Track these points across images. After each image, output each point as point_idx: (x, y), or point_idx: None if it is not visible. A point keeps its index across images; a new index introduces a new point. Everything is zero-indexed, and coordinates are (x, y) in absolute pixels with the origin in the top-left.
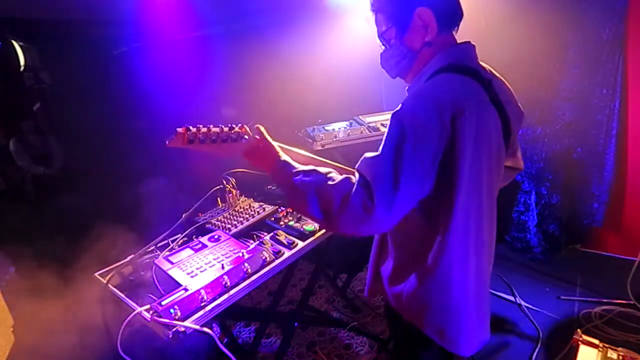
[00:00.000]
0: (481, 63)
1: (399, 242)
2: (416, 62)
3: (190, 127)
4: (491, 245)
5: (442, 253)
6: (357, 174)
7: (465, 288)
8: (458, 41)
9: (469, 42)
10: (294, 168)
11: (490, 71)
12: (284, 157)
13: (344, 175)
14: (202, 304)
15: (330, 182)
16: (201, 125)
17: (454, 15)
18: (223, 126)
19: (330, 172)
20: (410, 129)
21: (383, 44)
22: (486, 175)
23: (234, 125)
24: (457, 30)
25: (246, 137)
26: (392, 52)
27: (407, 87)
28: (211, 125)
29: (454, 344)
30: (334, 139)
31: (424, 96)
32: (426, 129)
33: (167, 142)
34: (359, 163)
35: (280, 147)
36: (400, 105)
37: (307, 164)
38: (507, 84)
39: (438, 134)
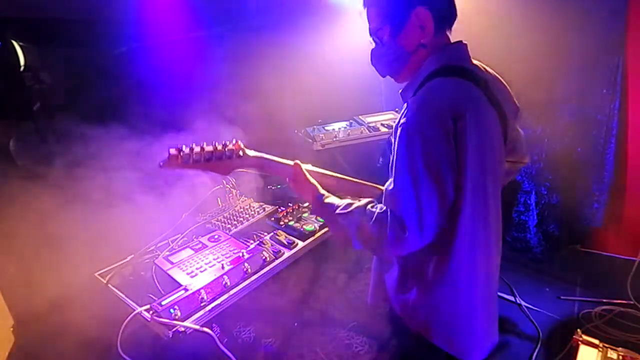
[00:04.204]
0: (475, 61)
1: None
2: (409, 63)
3: (183, 148)
4: (498, 245)
5: (449, 259)
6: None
7: (473, 293)
8: (453, 40)
9: (461, 41)
10: (334, 207)
11: (485, 69)
12: (326, 195)
13: (380, 208)
14: (202, 304)
15: (367, 223)
16: (194, 145)
17: (450, 16)
18: (217, 144)
19: (367, 207)
20: (417, 147)
21: (374, 41)
22: (490, 176)
23: (227, 143)
24: (451, 31)
25: (240, 153)
26: (384, 51)
27: (400, 90)
28: (204, 144)
29: (464, 352)
30: (334, 139)
31: (422, 106)
32: (433, 143)
33: (160, 164)
34: (383, 198)
35: (314, 171)
36: (401, 120)
37: (341, 186)
38: (502, 81)
39: (445, 141)
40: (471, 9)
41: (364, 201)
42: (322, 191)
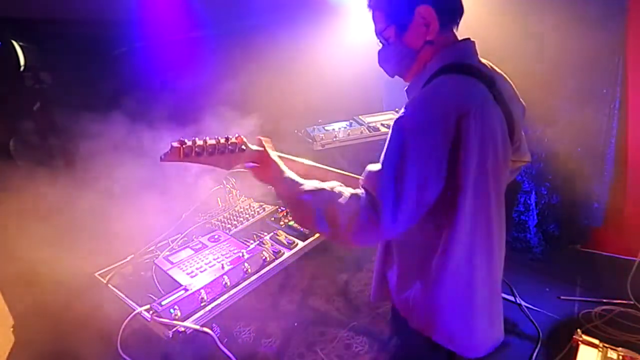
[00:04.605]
0: (482, 60)
1: (403, 247)
2: (416, 62)
3: (186, 141)
4: (501, 244)
5: (450, 256)
6: (361, 188)
7: (474, 292)
8: (458, 38)
9: (469, 38)
10: (300, 185)
11: (492, 68)
12: (288, 172)
13: (350, 192)
14: (202, 304)
15: (337, 200)
16: (197, 138)
17: (456, 12)
18: (219, 137)
19: (335, 187)
20: (413, 137)
21: (381, 42)
22: (493, 175)
23: (230, 136)
24: (457, 27)
25: (243, 147)
26: (391, 51)
27: (406, 88)
28: (207, 137)
29: (465, 348)
30: (334, 139)
31: (426, 100)
32: (430, 136)
33: (161, 157)
34: (363, 177)
35: (281, 157)
36: (402, 111)
37: (309, 173)
38: (509, 80)
39: (442, 139)
40: (472, 7)
41: (332, 182)
42: (284, 167)
